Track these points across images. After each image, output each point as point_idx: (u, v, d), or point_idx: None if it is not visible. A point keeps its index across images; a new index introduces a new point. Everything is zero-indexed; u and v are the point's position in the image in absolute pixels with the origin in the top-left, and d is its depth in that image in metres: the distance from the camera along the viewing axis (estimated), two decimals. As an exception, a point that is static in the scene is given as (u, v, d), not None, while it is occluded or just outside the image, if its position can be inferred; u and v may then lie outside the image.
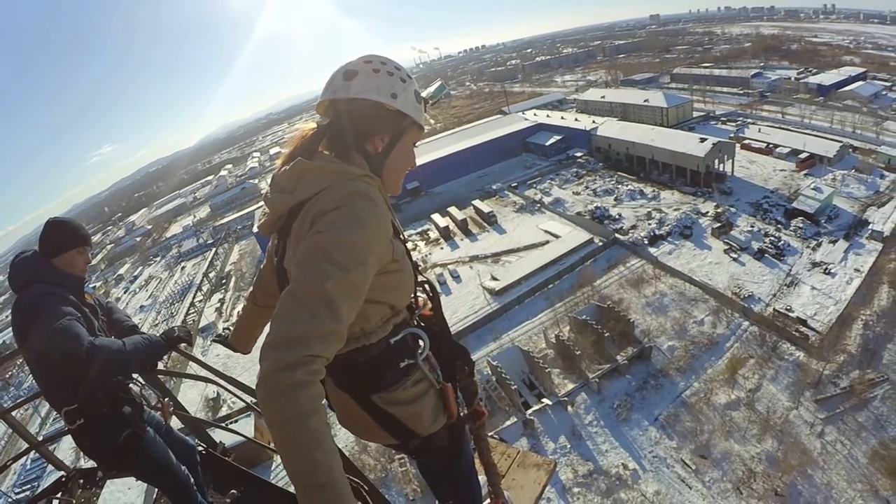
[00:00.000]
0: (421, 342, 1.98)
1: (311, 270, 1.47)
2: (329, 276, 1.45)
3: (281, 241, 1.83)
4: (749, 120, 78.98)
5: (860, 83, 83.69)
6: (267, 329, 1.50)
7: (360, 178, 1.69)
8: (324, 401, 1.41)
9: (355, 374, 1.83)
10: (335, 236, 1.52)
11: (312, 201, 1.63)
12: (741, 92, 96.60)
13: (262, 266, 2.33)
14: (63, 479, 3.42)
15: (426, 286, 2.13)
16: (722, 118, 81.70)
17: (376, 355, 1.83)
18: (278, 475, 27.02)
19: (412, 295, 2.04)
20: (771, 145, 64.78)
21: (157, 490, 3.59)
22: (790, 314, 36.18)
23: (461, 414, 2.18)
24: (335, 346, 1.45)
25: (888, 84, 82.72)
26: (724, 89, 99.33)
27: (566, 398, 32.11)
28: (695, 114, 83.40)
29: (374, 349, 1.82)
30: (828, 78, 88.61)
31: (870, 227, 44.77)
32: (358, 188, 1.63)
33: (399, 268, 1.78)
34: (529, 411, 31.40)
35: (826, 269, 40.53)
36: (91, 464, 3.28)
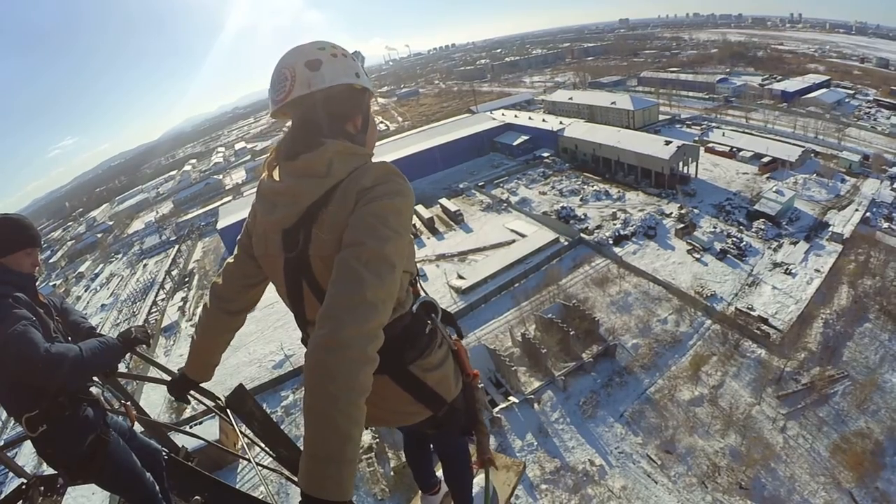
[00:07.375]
0: (432, 307, 2.10)
1: (373, 233, 1.57)
2: (389, 240, 1.58)
3: (302, 229, 1.76)
4: (714, 124, 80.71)
5: (824, 90, 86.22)
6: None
7: (370, 156, 1.88)
8: None
9: (395, 346, 1.83)
10: (388, 203, 1.64)
11: (348, 180, 1.70)
12: (707, 96, 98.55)
13: (229, 264, 2.26)
14: (23, 487, 3.20)
15: None
16: (687, 122, 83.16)
17: (409, 323, 1.96)
18: (244, 478, 26.62)
19: None
20: (734, 149, 65.96)
21: (119, 498, 3.38)
22: (752, 313, 36.79)
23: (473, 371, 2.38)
24: (390, 310, 1.57)
25: (851, 92, 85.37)
26: (690, 94, 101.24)
27: (532, 396, 32.13)
28: (661, 117, 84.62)
29: (406, 318, 1.96)
30: (792, 85, 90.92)
31: (830, 229, 45.73)
32: (389, 166, 1.76)
33: (411, 237, 1.88)
34: (496, 409, 31.29)
35: (787, 269, 41.31)
36: (52, 470, 3.07)
